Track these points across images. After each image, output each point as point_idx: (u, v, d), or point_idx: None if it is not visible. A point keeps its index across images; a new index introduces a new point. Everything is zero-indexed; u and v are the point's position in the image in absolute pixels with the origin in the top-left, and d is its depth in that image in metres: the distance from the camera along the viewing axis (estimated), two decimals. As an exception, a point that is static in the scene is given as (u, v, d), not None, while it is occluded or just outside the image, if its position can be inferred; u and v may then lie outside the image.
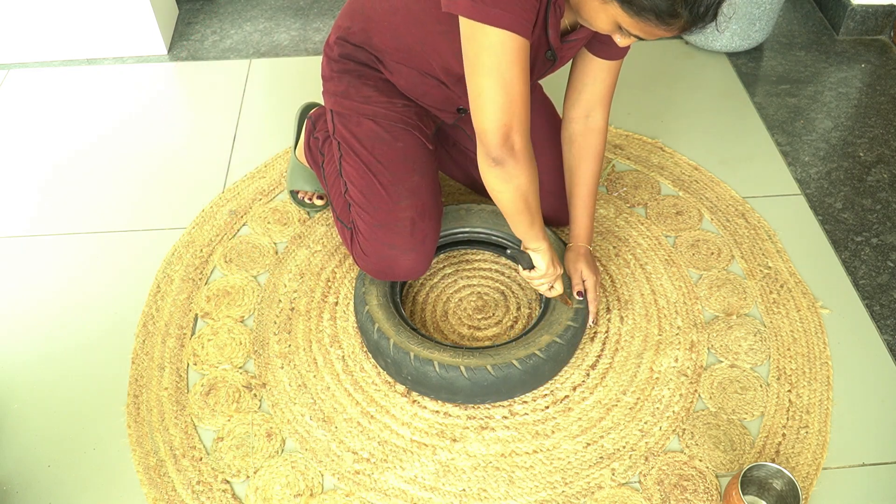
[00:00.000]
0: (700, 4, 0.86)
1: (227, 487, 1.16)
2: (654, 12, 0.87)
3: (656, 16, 0.87)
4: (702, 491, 1.15)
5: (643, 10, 0.87)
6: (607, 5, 0.91)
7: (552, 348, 1.20)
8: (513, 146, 1.01)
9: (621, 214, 1.58)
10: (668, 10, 0.86)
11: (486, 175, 1.06)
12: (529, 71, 1.16)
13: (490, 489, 1.16)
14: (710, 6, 0.87)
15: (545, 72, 1.19)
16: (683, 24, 0.88)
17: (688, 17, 0.87)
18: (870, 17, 2.07)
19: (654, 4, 0.86)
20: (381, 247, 1.26)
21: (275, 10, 2.23)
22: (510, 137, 1.00)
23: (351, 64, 1.29)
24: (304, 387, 1.28)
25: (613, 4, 0.90)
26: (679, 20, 0.88)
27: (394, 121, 1.28)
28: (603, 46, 1.17)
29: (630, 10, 0.89)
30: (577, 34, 1.10)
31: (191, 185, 1.66)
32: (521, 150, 1.02)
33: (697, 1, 0.85)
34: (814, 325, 1.38)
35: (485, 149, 1.02)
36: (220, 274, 1.47)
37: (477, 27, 0.94)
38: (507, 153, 1.01)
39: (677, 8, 0.86)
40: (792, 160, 1.73)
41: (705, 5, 0.86)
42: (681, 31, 0.90)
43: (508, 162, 1.02)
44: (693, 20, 0.88)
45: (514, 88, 0.96)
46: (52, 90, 1.94)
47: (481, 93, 0.97)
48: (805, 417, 1.24)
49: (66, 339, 1.37)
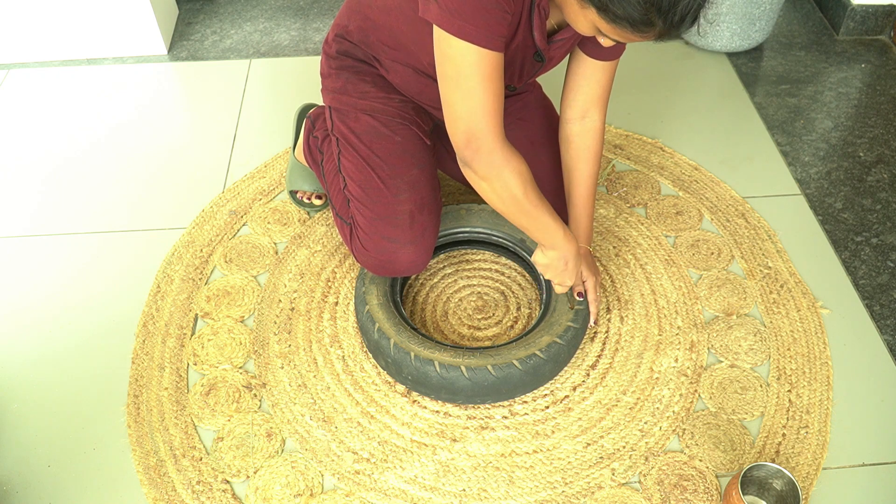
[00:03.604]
0: (674, 13, 0.86)
1: (227, 487, 1.16)
2: (629, 21, 0.88)
3: (630, 24, 0.88)
4: (702, 491, 1.15)
5: (618, 18, 0.89)
6: (586, 10, 0.93)
7: (553, 349, 1.21)
8: (477, 149, 1.04)
9: (621, 214, 1.58)
10: (642, 19, 0.87)
11: (466, 177, 1.11)
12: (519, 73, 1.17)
13: (490, 489, 1.16)
14: (685, 14, 0.87)
15: (536, 72, 1.19)
16: (659, 31, 0.89)
17: (662, 26, 0.88)
18: (870, 17, 2.07)
19: (628, 14, 0.87)
20: (381, 240, 1.26)
21: (275, 10, 2.23)
22: (472, 143, 1.04)
23: (349, 61, 1.29)
24: (305, 387, 1.28)
25: (591, 10, 0.91)
26: (654, 28, 0.88)
27: (391, 115, 1.28)
28: (596, 47, 1.17)
29: (606, 17, 0.90)
30: (563, 34, 1.11)
31: (191, 185, 1.66)
32: (486, 153, 1.04)
33: (671, 10, 0.86)
34: (814, 325, 1.38)
35: (456, 152, 1.08)
36: (220, 274, 1.47)
37: (444, 36, 0.97)
38: (472, 155, 1.05)
39: (651, 17, 0.87)
40: (792, 160, 1.73)
41: (680, 14, 0.87)
42: (658, 37, 0.91)
43: (474, 164, 1.06)
44: (668, 28, 0.89)
45: (476, 97, 1.00)
46: (52, 90, 1.94)
47: (446, 99, 1.03)
48: (805, 417, 1.24)
49: (66, 339, 1.37)
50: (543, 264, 1.23)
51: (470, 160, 1.06)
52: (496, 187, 1.08)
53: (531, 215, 1.13)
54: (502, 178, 1.07)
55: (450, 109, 1.03)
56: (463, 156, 1.06)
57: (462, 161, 1.07)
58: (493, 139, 1.03)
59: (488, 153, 1.04)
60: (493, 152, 1.04)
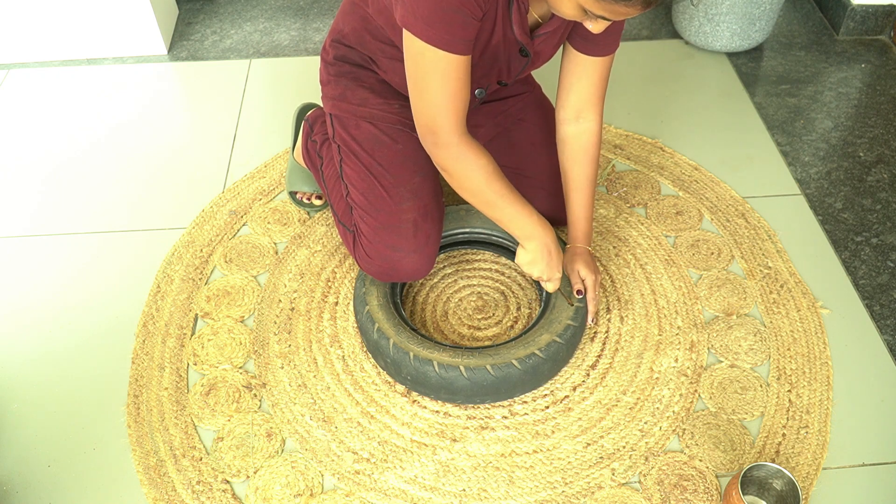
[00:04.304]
0: None
1: (227, 487, 1.16)
2: None
3: None
4: (702, 491, 1.15)
5: None
6: None
7: (552, 348, 1.20)
8: (435, 143, 1.11)
9: (621, 214, 1.58)
10: None
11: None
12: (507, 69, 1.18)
13: (490, 489, 1.16)
14: None
15: (524, 67, 1.19)
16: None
17: None
18: (870, 17, 2.07)
19: None
20: (385, 249, 1.26)
21: (275, 10, 2.23)
22: (430, 136, 1.11)
23: (346, 66, 1.29)
24: (304, 387, 1.28)
25: None
26: None
27: (391, 122, 1.28)
28: (586, 42, 1.16)
29: None
30: (547, 27, 1.10)
31: (191, 185, 1.66)
32: (444, 146, 1.11)
33: None
34: (814, 325, 1.38)
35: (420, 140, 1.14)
36: (220, 274, 1.47)
37: (408, 36, 1.02)
38: (432, 148, 1.13)
39: None
40: (792, 160, 1.73)
41: None
42: (643, 6, 0.89)
43: (435, 155, 1.13)
44: None
45: (435, 95, 1.05)
46: (52, 90, 1.94)
47: (410, 94, 1.09)
48: (805, 417, 1.24)
49: (66, 339, 1.37)
50: (528, 261, 1.23)
51: (431, 151, 1.13)
52: (459, 177, 1.14)
53: (496, 205, 1.17)
54: (462, 169, 1.13)
55: (412, 102, 1.10)
56: (426, 146, 1.13)
57: (426, 148, 1.14)
58: (451, 133, 1.09)
59: (445, 146, 1.11)
60: (450, 146, 1.10)
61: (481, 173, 1.13)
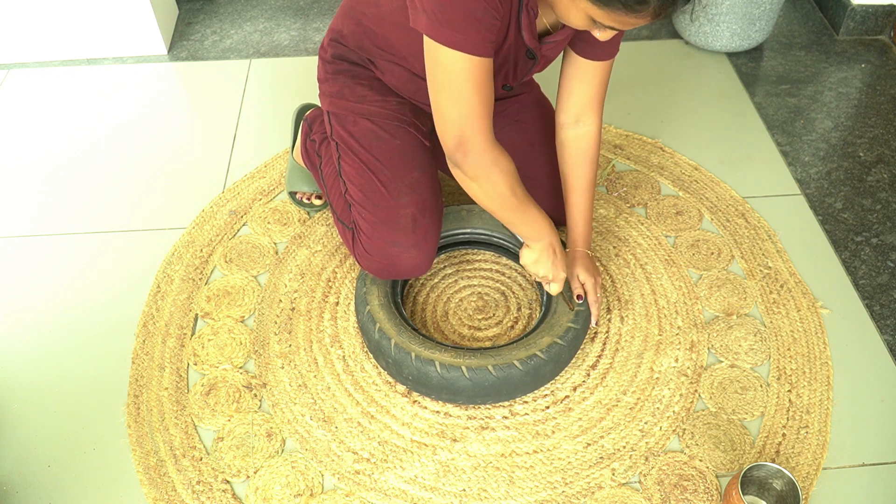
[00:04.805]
0: None
1: (227, 487, 1.16)
2: (621, 1, 0.87)
3: (623, 4, 0.87)
4: (702, 491, 1.15)
5: (610, 1, 0.88)
6: (577, 1, 0.92)
7: (553, 349, 1.21)
8: (467, 152, 1.06)
9: (621, 214, 1.58)
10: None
11: (454, 175, 1.12)
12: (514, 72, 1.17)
13: (490, 489, 1.16)
14: None
15: (530, 70, 1.19)
16: (653, 10, 0.88)
17: (656, 4, 0.87)
18: (870, 17, 2.07)
19: None
20: (384, 245, 1.26)
21: (275, 10, 2.23)
22: (462, 146, 1.05)
23: (344, 65, 1.29)
24: (305, 387, 1.28)
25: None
26: (647, 7, 0.87)
27: (389, 119, 1.28)
28: (587, 46, 1.16)
29: (598, 2, 0.89)
30: (556, 35, 1.10)
31: (191, 185, 1.66)
32: (477, 154, 1.06)
33: None
34: (814, 325, 1.38)
35: (445, 152, 1.08)
36: (220, 274, 1.47)
37: (433, 45, 0.98)
38: (462, 158, 1.06)
39: None
40: (792, 160, 1.73)
41: None
42: (653, 17, 0.89)
43: (464, 165, 1.07)
44: (663, 5, 0.87)
45: (468, 103, 1.01)
46: (52, 90, 1.94)
47: (438, 106, 1.04)
48: (805, 417, 1.24)
49: (66, 339, 1.37)
50: (532, 261, 1.23)
51: (460, 162, 1.07)
52: (485, 187, 1.10)
53: (518, 210, 1.15)
54: (491, 178, 1.09)
55: (440, 115, 1.04)
56: (453, 158, 1.07)
57: (452, 162, 1.09)
58: (483, 141, 1.05)
59: (479, 155, 1.06)
60: (484, 153, 1.06)
61: (508, 180, 1.10)
